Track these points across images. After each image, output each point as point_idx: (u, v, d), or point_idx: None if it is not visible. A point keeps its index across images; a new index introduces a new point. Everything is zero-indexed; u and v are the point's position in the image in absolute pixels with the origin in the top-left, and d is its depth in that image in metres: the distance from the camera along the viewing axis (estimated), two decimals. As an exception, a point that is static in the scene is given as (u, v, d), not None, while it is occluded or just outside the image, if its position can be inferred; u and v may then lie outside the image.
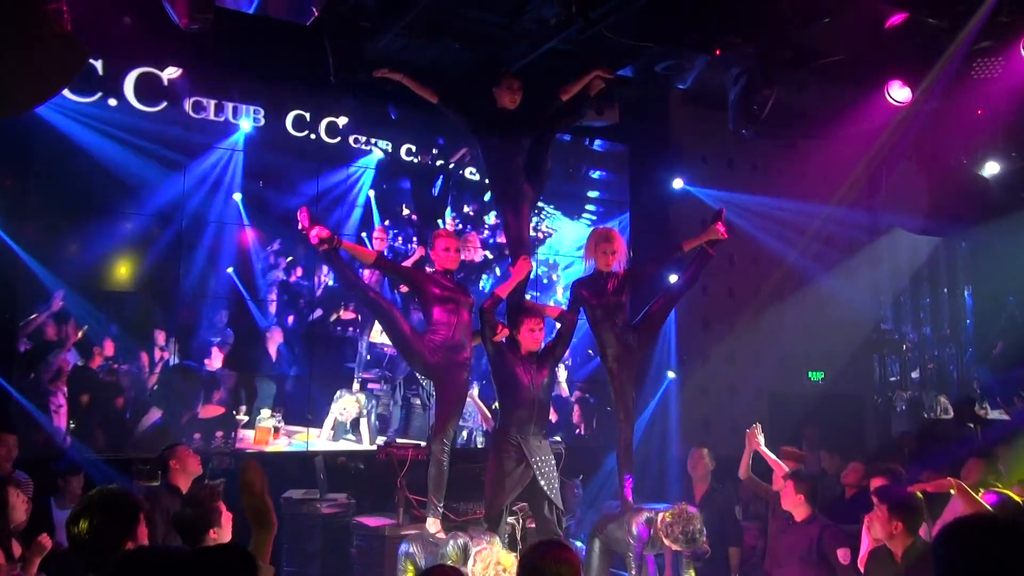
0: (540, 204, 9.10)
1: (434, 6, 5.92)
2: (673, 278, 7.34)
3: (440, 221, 8.68)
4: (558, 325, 5.88)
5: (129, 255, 7.39)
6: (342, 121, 8.15)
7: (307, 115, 7.99)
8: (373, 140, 8.37)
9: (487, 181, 6.82)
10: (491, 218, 8.94)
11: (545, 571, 2.86)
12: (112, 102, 7.12)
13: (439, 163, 8.71)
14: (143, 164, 7.21)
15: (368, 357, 8.23)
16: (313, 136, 8.06)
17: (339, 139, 8.20)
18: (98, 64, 6.97)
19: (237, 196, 7.72)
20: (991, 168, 7.28)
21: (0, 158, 6.57)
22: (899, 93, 6.76)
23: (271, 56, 7.29)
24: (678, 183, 9.05)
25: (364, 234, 8.30)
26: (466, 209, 8.85)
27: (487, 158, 6.10)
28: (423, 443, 6.92)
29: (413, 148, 8.57)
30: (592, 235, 6.01)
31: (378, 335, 8.17)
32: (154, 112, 7.30)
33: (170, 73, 7.29)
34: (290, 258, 7.93)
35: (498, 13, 6.58)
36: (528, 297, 8.72)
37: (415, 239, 8.62)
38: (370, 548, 5.97)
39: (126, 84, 7.17)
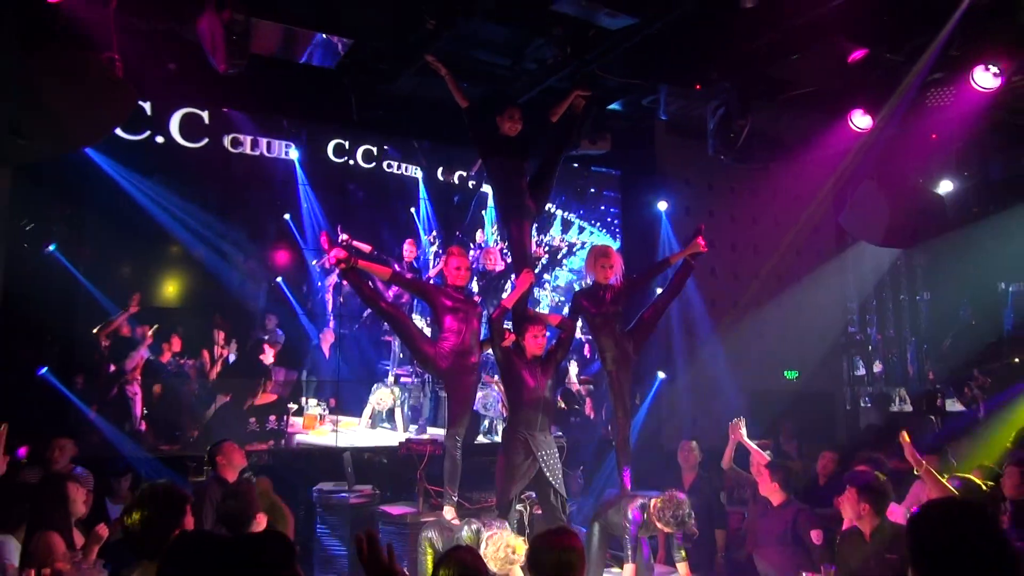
0: (579, 221, 9.29)
1: (444, 50, 5.96)
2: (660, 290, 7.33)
3: (478, 233, 8.82)
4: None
5: (179, 274, 7.48)
6: (377, 149, 8.26)
7: (345, 143, 8.07)
8: (404, 165, 8.44)
9: (494, 197, 6.84)
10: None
11: (552, 557, 2.86)
12: (159, 139, 7.16)
13: (470, 184, 8.83)
14: (190, 195, 7.26)
15: (401, 355, 8.28)
16: (351, 162, 8.13)
17: (374, 164, 8.27)
18: (146, 105, 7.01)
19: (286, 215, 7.80)
20: (945, 187, 7.28)
21: (59, 190, 6.61)
22: (861, 120, 6.77)
23: (304, 95, 7.34)
24: (663, 205, 9.06)
25: (405, 245, 8.42)
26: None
27: (492, 178, 6.14)
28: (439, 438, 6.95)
29: (442, 168, 8.66)
30: (591, 251, 5.99)
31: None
32: (198, 148, 7.35)
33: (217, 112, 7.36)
34: (314, 262, 8.01)
35: (502, 55, 6.63)
36: (548, 303, 8.85)
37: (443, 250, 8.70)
38: (393, 533, 5.95)
39: (172, 123, 7.21)
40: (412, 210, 8.51)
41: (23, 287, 6.27)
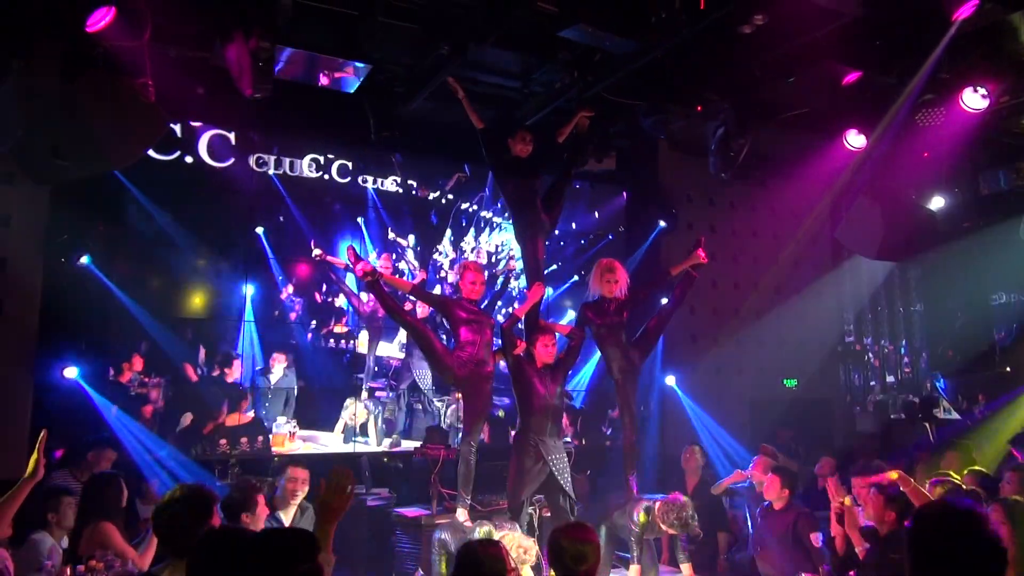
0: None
1: (457, 74, 6.02)
2: (665, 300, 7.32)
3: (439, 247, 8.80)
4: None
5: (196, 288, 7.57)
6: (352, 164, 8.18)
7: (320, 159, 7.97)
8: (379, 180, 8.36)
9: (510, 215, 6.80)
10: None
11: (572, 548, 2.90)
12: (188, 159, 7.23)
13: (444, 199, 8.79)
14: (206, 213, 7.34)
15: (376, 368, 8.15)
16: (326, 176, 8.04)
17: (348, 179, 8.17)
18: (176, 127, 7.09)
19: (260, 229, 7.76)
20: (936, 202, 7.29)
21: (95, 208, 6.71)
22: (855, 139, 6.78)
23: (321, 118, 7.39)
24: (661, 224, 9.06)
25: (380, 259, 8.24)
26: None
27: (506, 197, 6.16)
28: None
29: (415, 183, 8.55)
30: (597, 266, 5.97)
31: (384, 349, 8.15)
32: (225, 167, 7.42)
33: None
34: (280, 276, 7.95)
35: (511, 79, 6.68)
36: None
37: (417, 264, 8.60)
38: (408, 535, 5.96)
39: (200, 144, 7.29)
40: (360, 219, 8.40)
41: (60, 298, 6.35)
